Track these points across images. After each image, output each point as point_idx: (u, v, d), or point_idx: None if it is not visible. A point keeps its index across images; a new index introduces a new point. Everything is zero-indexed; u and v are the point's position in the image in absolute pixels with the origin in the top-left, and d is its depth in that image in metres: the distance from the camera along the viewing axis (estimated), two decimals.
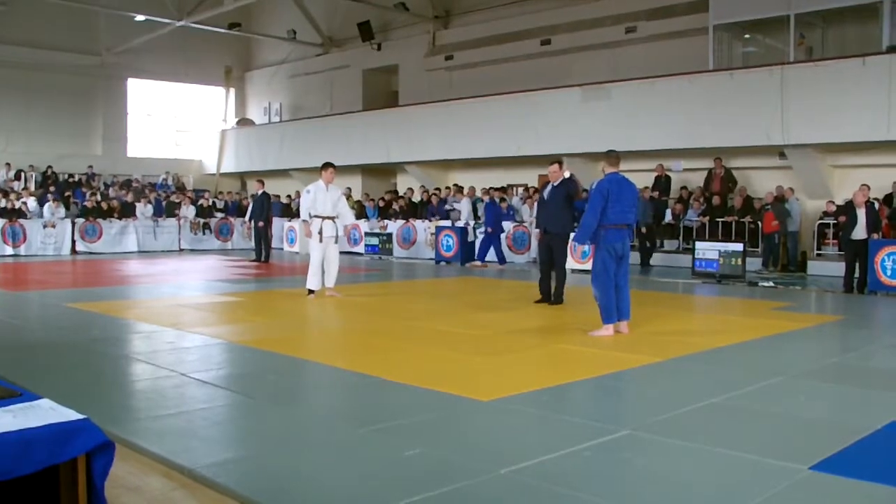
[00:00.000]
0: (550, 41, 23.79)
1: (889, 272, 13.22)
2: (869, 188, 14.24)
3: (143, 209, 24.79)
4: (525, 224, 19.85)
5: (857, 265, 13.67)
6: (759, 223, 17.92)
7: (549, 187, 11.60)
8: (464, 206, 21.27)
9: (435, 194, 23.42)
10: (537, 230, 11.95)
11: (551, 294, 11.42)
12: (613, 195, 8.59)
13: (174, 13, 27.13)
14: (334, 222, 12.15)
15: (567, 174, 11.49)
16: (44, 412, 2.51)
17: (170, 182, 31.21)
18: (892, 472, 4.23)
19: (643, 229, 18.59)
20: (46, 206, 23.19)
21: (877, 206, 14.32)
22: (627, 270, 8.88)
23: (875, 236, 13.65)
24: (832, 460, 4.36)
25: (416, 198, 24.39)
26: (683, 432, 4.96)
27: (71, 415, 2.49)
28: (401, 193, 25.35)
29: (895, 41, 16.99)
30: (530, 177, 22.77)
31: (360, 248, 23.00)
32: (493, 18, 25.95)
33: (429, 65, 27.70)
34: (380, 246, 22.38)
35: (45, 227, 22.20)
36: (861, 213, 13.74)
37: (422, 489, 3.90)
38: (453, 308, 11.40)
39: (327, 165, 12.26)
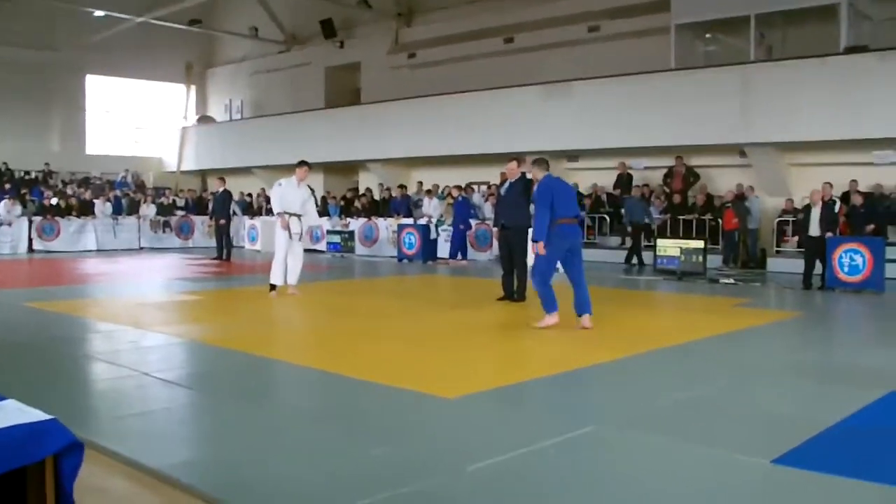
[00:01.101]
0: (513, 39, 23.86)
1: (846, 269, 13.42)
2: (831, 186, 14.40)
3: (103, 207, 24.51)
4: (487, 222, 19.87)
5: (818, 262, 13.86)
6: (720, 221, 18.10)
7: (506, 184, 11.68)
8: (434, 205, 21.30)
9: (400, 188, 23.35)
10: (496, 228, 12.01)
11: (514, 291, 11.45)
12: (557, 193, 8.85)
13: (134, 9, 26.79)
14: (300, 220, 12.13)
15: (529, 175, 11.54)
16: (10, 413, 2.46)
17: (129, 180, 30.83)
18: (850, 464, 4.30)
19: (629, 228, 18.66)
20: (2, 203, 22.81)
21: (838, 204, 14.45)
22: (581, 266, 8.98)
23: (829, 235, 13.82)
24: (793, 454, 4.42)
25: (377, 195, 24.33)
26: (647, 428, 5.00)
27: (39, 415, 2.45)
28: (362, 191, 25.27)
29: (853, 42, 17.25)
30: (493, 174, 22.77)
31: (322, 246, 22.91)
32: (456, 17, 25.96)
33: (392, 62, 27.65)
34: (342, 244, 22.32)
35: (0, 225, 21.87)
36: (815, 211, 13.94)
37: (388, 487, 3.89)
38: (417, 306, 11.40)
39: (302, 164, 12.25)
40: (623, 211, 19.44)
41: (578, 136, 20.20)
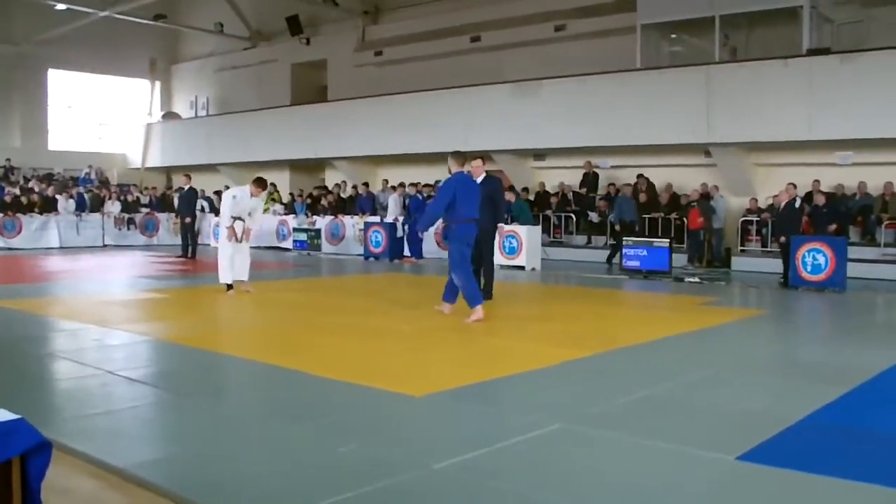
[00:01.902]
0: (480, 38, 23.87)
1: (809, 268, 13.58)
2: (795, 186, 14.56)
3: (66, 204, 24.19)
4: None
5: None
6: (685, 220, 18.22)
7: None
8: (392, 201, 21.26)
9: (364, 185, 23.27)
10: None
11: (481, 289, 11.44)
12: (461, 192, 9.37)
13: (97, 2, 26.45)
14: (244, 222, 12.26)
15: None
16: None
17: (93, 176, 30.44)
18: (814, 460, 4.36)
19: (617, 227, 18.60)
20: None
21: (798, 202, 14.59)
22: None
23: (782, 239, 14.02)
24: (757, 450, 4.48)
25: (346, 193, 24.23)
26: (615, 425, 5.03)
27: (5, 415, 2.42)
28: (329, 188, 25.16)
29: (815, 44, 17.47)
30: None
31: (289, 244, 22.82)
32: (422, 14, 25.94)
33: (358, 60, 27.55)
34: (308, 242, 22.24)
35: None
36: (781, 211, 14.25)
37: (356, 485, 3.89)
38: (383, 303, 11.37)
39: (260, 181, 12.51)
40: (613, 208, 19.22)
41: (545, 134, 20.25)
